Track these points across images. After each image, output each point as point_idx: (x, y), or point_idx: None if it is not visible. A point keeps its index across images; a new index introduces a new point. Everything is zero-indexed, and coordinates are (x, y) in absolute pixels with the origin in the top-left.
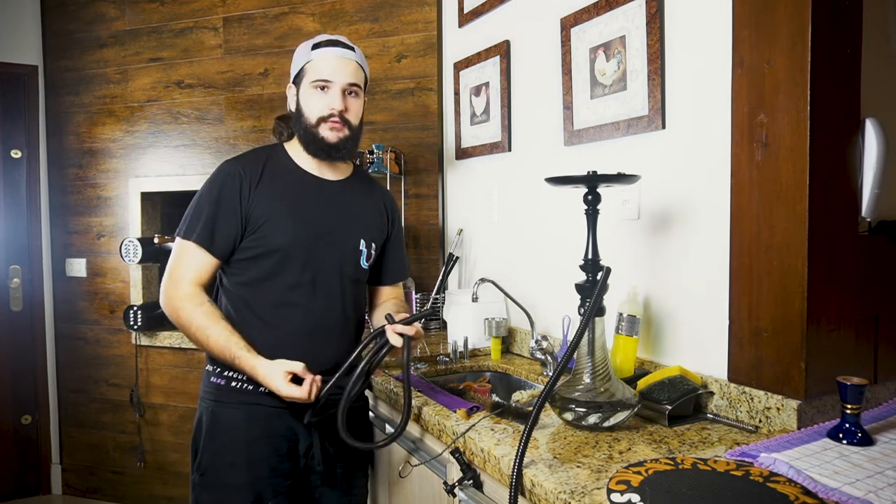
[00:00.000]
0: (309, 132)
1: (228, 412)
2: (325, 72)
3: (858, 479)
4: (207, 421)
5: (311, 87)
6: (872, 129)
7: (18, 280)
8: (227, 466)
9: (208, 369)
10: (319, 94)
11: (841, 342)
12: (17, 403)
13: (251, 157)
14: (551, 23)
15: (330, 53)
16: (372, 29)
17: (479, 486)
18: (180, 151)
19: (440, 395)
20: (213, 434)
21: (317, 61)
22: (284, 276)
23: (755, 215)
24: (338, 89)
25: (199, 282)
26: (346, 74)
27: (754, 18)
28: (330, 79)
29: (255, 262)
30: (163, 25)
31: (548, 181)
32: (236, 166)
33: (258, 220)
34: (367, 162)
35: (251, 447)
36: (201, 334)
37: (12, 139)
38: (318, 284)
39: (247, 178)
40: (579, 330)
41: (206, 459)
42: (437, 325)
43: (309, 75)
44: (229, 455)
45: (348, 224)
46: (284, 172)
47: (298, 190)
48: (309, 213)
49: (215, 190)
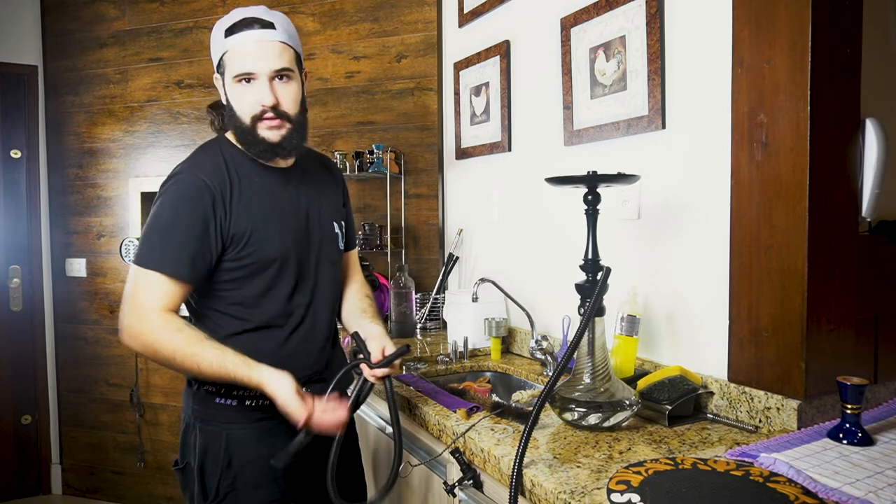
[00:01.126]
0: (247, 134)
1: (247, 433)
2: (245, 63)
3: (858, 479)
4: (220, 445)
5: (234, 81)
6: (872, 129)
7: (18, 280)
8: (247, 488)
9: (209, 390)
10: (245, 87)
11: (841, 342)
12: (17, 403)
13: (209, 164)
14: (551, 23)
15: (246, 39)
16: (372, 29)
17: (479, 486)
18: (180, 151)
19: (440, 395)
20: (231, 458)
21: (233, 51)
22: (283, 285)
23: (755, 215)
24: (264, 80)
25: (169, 308)
26: (269, 60)
27: (754, 18)
28: (252, 70)
29: (249, 279)
30: (163, 25)
31: (548, 181)
32: (200, 181)
33: (243, 235)
34: (367, 162)
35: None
36: (190, 362)
37: (12, 139)
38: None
39: (218, 194)
40: (579, 330)
41: (225, 485)
42: (436, 325)
43: (229, 68)
44: (250, 476)
45: (319, 210)
46: (248, 172)
47: (268, 188)
48: (286, 211)
49: (182, 209)
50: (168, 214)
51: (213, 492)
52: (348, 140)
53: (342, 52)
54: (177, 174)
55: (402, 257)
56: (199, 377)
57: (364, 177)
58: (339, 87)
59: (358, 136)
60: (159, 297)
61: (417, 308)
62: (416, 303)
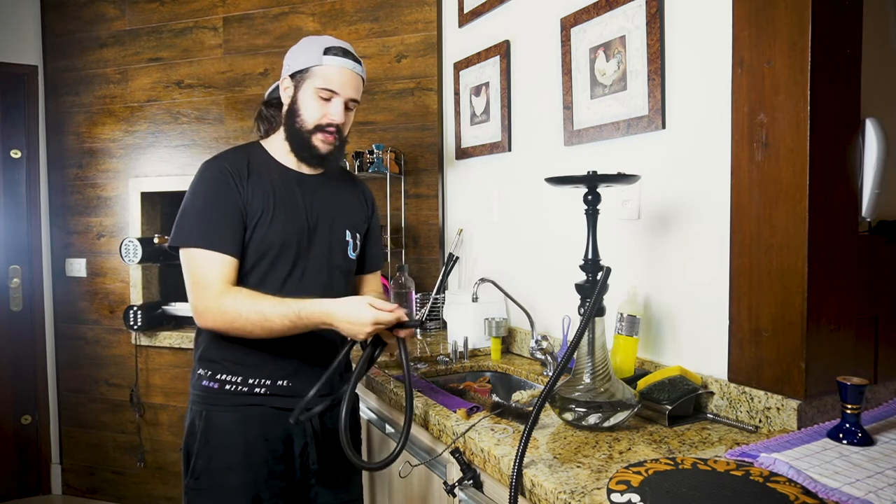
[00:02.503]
0: (302, 136)
1: (223, 415)
2: (334, 82)
3: (858, 479)
4: (201, 425)
5: (315, 92)
6: (872, 129)
7: (18, 280)
8: (223, 470)
9: (200, 373)
10: (322, 102)
11: (841, 342)
12: (17, 403)
13: (232, 155)
14: (551, 23)
15: (342, 64)
16: (372, 29)
17: (479, 486)
18: (180, 151)
19: (440, 395)
20: (208, 438)
21: (327, 68)
22: (276, 271)
23: (755, 215)
24: (341, 102)
25: (229, 282)
26: (352, 89)
27: (754, 18)
28: (338, 91)
29: (254, 262)
30: (163, 25)
31: (548, 181)
32: (222, 164)
33: (253, 216)
34: (367, 162)
35: (248, 450)
36: (256, 316)
37: (12, 139)
38: (306, 277)
39: (236, 175)
40: (579, 330)
41: (201, 464)
42: (436, 325)
43: (315, 80)
44: (225, 458)
45: (333, 216)
46: (269, 170)
47: (283, 185)
48: (296, 206)
49: (211, 191)
50: (202, 198)
51: (191, 469)
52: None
53: None
54: (203, 166)
55: (402, 257)
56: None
57: (364, 177)
58: None
59: (358, 136)
60: (218, 271)
61: (417, 308)
62: (416, 303)
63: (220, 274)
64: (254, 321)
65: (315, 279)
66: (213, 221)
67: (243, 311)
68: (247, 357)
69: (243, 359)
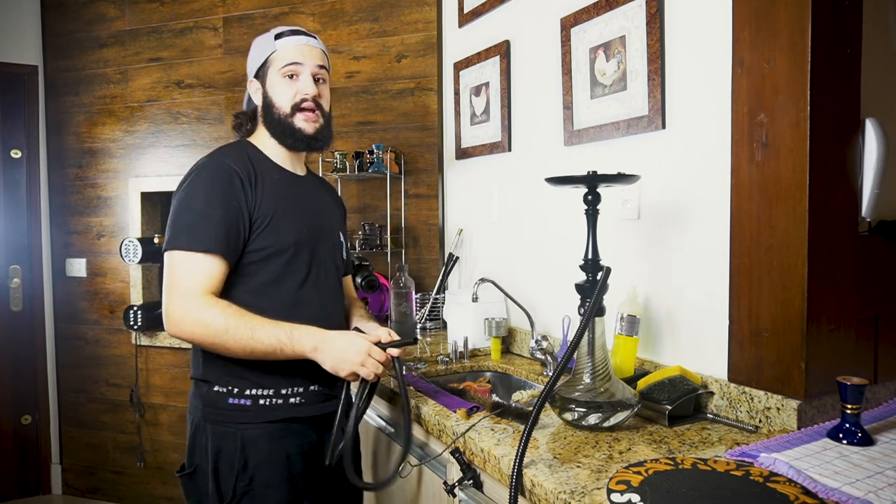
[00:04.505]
0: (284, 123)
1: (261, 432)
2: (294, 56)
3: (858, 479)
4: (235, 446)
5: (280, 74)
6: (872, 129)
7: (18, 280)
8: (266, 487)
9: (219, 390)
10: (289, 81)
11: (841, 342)
12: (17, 403)
13: (234, 153)
14: (551, 23)
15: (296, 41)
16: (372, 29)
17: (479, 486)
18: (180, 151)
19: (440, 395)
20: (247, 458)
21: (282, 50)
22: (293, 275)
23: (755, 215)
24: (308, 73)
25: (211, 290)
26: (314, 58)
27: (754, 18)
28: (300, 60)
29: (264, 265)
30: (163, 25)
31: (548, 181)
32: (226, 163)
33: (265, 218)
34: (367, 162)
35: (291, 464)
36: (243, 333)
37: (12, 139)
38: (321, 280)
39: (244, 175)
40: (579, 330)
41: (242, 486)
42: (436, 325)
43: (276, 64)
44: (267, 476)
45: (328, 218)
46: (269, 169)
47: (286, 186)
48: (301, 209)
49: (215, 190)
50: (201, 196)
51: (229, 494)
52: (348, 140)
53: (342, 52)
54: (202, 164)
55: (402, 257)
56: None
57: (364, 177)
58: (339, 87)
59: (358, 136)
60: (201, 278)
61: (417, 308)
62: (416, 303)
63: (204, 282)
64: (239, 338)
65: (328, 280)
66: (211, 223)
67: (231, 326)
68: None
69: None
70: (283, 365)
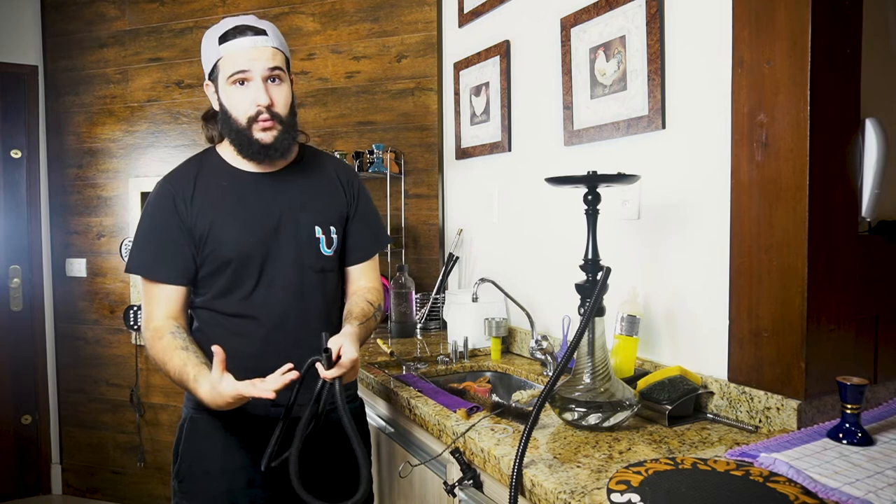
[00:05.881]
0: (241, 135)
1: (207, 419)
2: (240, 63)
3: (858, 479)
4: (188, 427)
5: (229, 83)
6: (872, 129)
7: (18, 280)
8: (202, 474)
9: None
10: (240, 89)
11: (841, 342)
12: (17, 403)
13: (180, 171)
14: (551, 23)
15: (241, 45)
16: (372, 29)
17: (479, 486)
18: (180, 151)
19: (440, 395)
20: (192, 440)
21: (228, 56)
22: (241, 286)
23: (755, 215)
24: (259, 80)
25: (169, 314)
26: (263, 62)
27: (754, 18)
28: (247, 68)
29: (211, 279)
30: (163, 25)
31: (548, 181)
32: (165, 185)
33: (203, 234)
34: (367, 162)
35: (227, 456)
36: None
37: (12, 139)
38: (276, 285)
39: (179, 194)
40: (579, 330)
41: (184, 466)
42: (437, 325)
43: (223, 71)
44: (205, 463)
45: (297, 214)
46: (219, 177)
47: (236, 192)
48: (253, 213)
49: (152, 216)
50: (145, 222)
51: (176, 471)
52: (348, 140)
53: (342, 52)
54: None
55: (402, 257)
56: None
57: (364, 177)
58: (339, 87)
59: (358, 136)
60: (158, 304)
61: (417, 308)
62: (416, 303)
63: (163, 309)
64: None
65: (287, 285)
66: (155, 249)
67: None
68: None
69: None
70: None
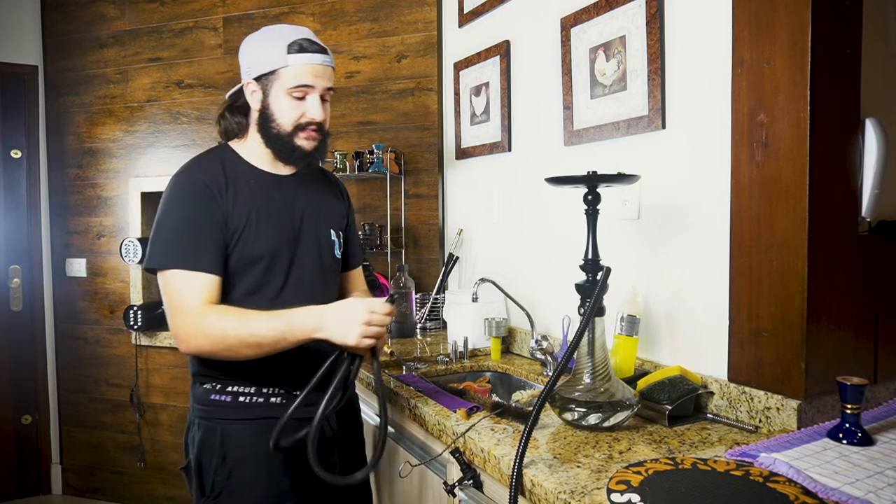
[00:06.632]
0: (283, 140)
1: (239, 428)
2: (307, 78)
3: (858, 479)
4: (216, 440)
5: (288, 93)
6: (872, 129)
7: (18, 280)
8: (244, 484)
9: (206, 387)
10: (296, 101)
11: (841, 342)
12: (17, 403)
13: (205, 162)
14: (551, 23)
15: (310, 61)
16: (372, 29)
17: (479, 486)
18: (180, 151)
19: (440, 395)
20: (226, 453)
21: (295, 67)
22: (271, 284)
23: (755, 215)
24: (317, 97)
25: (210, 301)
26: (325, 80)
27: (754, 18)
28: (312, 84)
29: (241, 275)
30: (163, 25)
31: (548, 181)
32: (194, 174)
33: (237, 229)
34: (367, 162)
35: (269, 461)
36: (244, 331)
37: (12, 139)
38: (303, 284)
39: (213, 184)
40: (579, 330)
41: (220, 480)
42: (436, 325)
43: (284, 80)
44: (246, 472)
45: (317, 217)
46: (245, 175)
47: (263, 191)
48: (279, 213)
49: (189, 205)
50: (178, 213)
51: (209, 487)
52: (348, 140)
53: (342, 52)
54: (175, 177)
55: (402, 257)
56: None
57: (364, 177)
58: (340, 87)
59: (358, 136)
60: (196, 292)
61: (417, 308)
62: (416, 303)
63: (202, 295)
64: (242, 338)
65: (311, 285)
66: (193, 239)
67: (230, 328)
68: (255, 364)
69: (251, 366)
70: (270, 366)
